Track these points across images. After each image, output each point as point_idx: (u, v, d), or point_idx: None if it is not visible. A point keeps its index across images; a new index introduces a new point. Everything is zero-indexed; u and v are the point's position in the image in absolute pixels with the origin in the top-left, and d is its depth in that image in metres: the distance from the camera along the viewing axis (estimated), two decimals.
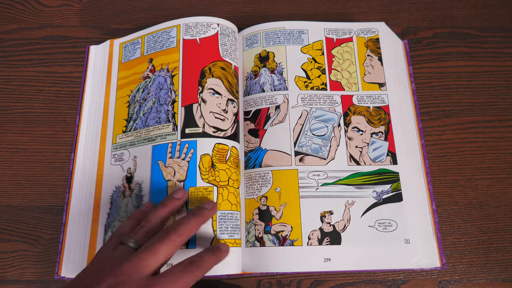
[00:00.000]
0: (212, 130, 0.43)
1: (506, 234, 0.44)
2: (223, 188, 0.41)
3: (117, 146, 0.45)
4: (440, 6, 0.55)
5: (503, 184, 0.46)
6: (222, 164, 0.42)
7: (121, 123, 0.46)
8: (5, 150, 0.48)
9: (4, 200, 0.46)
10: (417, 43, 0.52)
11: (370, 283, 0.42)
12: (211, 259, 0.34)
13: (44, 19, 0.54)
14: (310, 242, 0.41)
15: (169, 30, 0.48)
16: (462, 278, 0.42)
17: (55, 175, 0.46)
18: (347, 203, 0.42)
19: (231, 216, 0.40)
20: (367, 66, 0.48)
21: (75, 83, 0.51)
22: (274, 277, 0.43)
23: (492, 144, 0.47)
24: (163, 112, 0.44)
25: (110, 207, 0.43)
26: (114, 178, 0.44)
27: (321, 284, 0.42)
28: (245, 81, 0.48)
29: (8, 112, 0.49)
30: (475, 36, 0.53)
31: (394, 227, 0.41)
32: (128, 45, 0.50)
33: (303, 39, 0.49)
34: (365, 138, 0.45)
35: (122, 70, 0.49)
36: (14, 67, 0.51)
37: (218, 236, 0.39)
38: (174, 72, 0.46)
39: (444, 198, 0.45)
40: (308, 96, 0.46)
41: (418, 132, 0.46)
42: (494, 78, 0.50)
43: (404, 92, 0.48)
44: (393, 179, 0.43)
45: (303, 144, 0.44)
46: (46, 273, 0.43)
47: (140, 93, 0.47)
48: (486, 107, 0.49)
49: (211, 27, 0.47)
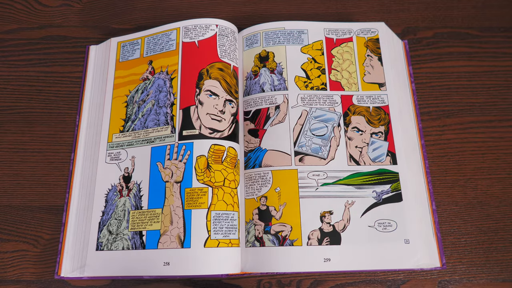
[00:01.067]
0: (208, 132, 0.43)
1: (506, 234, 0.44)
2: (218, 188, 0.41)
3: (113, 145, 0.45)
4: (440, 6, 0.54)
5: (503, 184, 0.46)
6: (218, 165, 0.42)
7: (118, 122, 0.46)
8: (5, 150, 0.48)
9: (4, 200, 0.46)
10: (417, 43, 0.52)
11: (370, 283, 0.42)
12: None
13: (44, 19, 0.54)
14: (310, 242, 0.41)
15: (169, 32, 0.48)
16: (462, 278, 0.42)
17: (55, 175, 0.47)
18: (347, 203, 0.42)
19: (226, 216, 0.41)
20: (367, 66, 0.48)
21: (75, 83, 0.51)
22: (274, 277, 0.43)
23: (492, 144, 0.47)
24: (162, 114, 0.45)
25: (105, 205, 0.43)
26: (109, 177, 0.44)
27: (321, 284, 0.42)
28: (245, 81, 0.48)
29: (8, 112, 0.49)
30: (475, 36, 0.52)
31: (394, 227, 0.41)
32: (126, 44, 0.50)
33: (303, 39, 0.49)
34: (365, 138, 0.45)
35: (120, 69, 0.49)
36: (14, 67, 0.52)
37: (212, 237, 0.39)
38: (173, 75, 0.46)
39: (444, 198, 0.45)
40: (308, 96, 0.46)
41: (418, 132, 0.46)
42: (494, 78, 0.50)
43: (404, 92, 0.48)
44: (393, 179, 0.43)
45: (303, 144, 0.44)
46: (46, 273, 0.43)
47: (139, 94, 0.47)
48: (486, 107, 0.49)
49: (210, 29, 0.47)
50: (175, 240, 0.40)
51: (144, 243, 0.40)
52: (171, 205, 0.41)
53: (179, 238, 0.39)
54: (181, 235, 0.40)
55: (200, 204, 0.40)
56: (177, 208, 0.41)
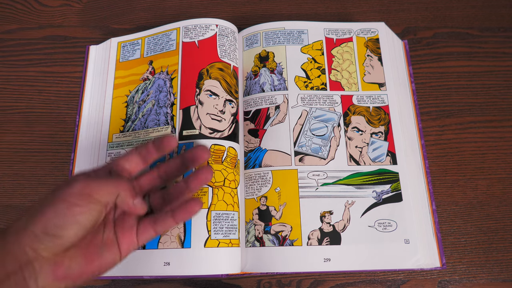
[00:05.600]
0: (208, 132, 0.43)
1: (506, 234, 0.44)
2: (218, 188, 0.41)
3: (113, 145, 0.45)
4: (440, 6, 0.54)
5: (503, 184, 0.46)
6: (218, 165, 0.42)
7: (118, 122, 0.46)
8: (5, 150, 0.48)
9: (4, 200, 0.46)
10: (417, 43, 0.52)
11: (370, 283, 0.42)
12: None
13: (44, 19, 0.54)
14: (310, 242, 0.41)
15: (169, 33, 0.48)
16: (462, 278, 0.42)
17: (55, 175, 0.47)
18: (347, 203, 0.42)
19: (226, 216, 0.41)
20: (367, 66, 0.48)
21: (75, 83, 0.51)
22: (274, 277, 0.43)
23: (492, 144, 0.47)
24: (162, 114, 0.45)
25: None
26: None
27: (321, 284, 0.42)
28: (245, 81, 0.48)
29: (8, 112, 0.49)
30: (475, 36, 0.52)
31: (394, 227, 0.41)
32: (127, 44, 0.50)
33: (303, 39, 0.49)
34: (365, 138, 0.45)
35: (120, 69, 0.49)
36: (14, 67, 0.52)
37: (212, 237, 0.39)
38: (174, 75, 0.46)
39: (444, 198, 0.45)
40: (308, 96, 0.46)
41: (418, 132, 0.46)
42: (494, 78, 0.50)
43: (404, 92, 0.48)
44: (393, 179, 0.43)
45: (303, 144, 0.44)
46: None
47: (139, 94, 0.47)
48: (486, 107, 0.49)
49: (210, 29, 0.47)
50: (175, 240, 0.40)
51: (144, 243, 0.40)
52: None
53: (179, 238, 0.40)
54: (181, 235, 0.40)
55: None
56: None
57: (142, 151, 0.33)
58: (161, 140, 0.33)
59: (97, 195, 0.29)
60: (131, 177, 0.34)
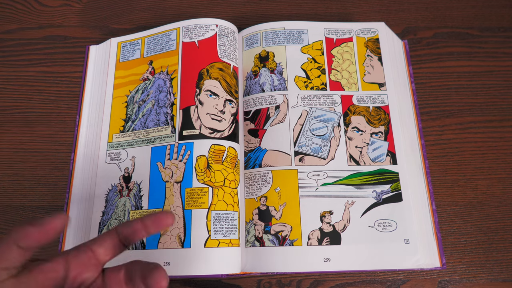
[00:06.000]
0: (208, 132, 0.43)
1: (506, 234, 0.44)
2: (218, 188, 0.41)
3: (113, 145, 0.45)
4: (440, 6, 0.54)
5: (503, 184, 0.46)
6: (218, 164, 0.42)
7: (118, 122, 0.46)
8: (5, 150, 0.48)
9: (4, 200, 0.46)
10: (417, 43, 0.52)
11: (370, 283, 0.42)
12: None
13: (44, 19, 0.54)
14: (310, 242, 0.41)
15: (169, 33, 0.48)
16: (462, 278, 0.42)
17: (55, 175, 0.47)
18: (347, 203, 0.42)
19: (226, 216, 0.41)
20: (367, 66, 0.48)
21: (75, 83, 0.51)
22: (274, 277, 0.43)
23: (492, 144, 0.47)
24: (162, 114, 0.45)
25: (105, 206, 0.43)
26: (109, 177, 0.44)
27: (321, 284, 0.42)
28: (245, 81, 0.48)
29: (8, 112, 0.49)
30: (475, 36, 0.52)
31: (394, 227, 0.41)
32: (127, 45, 0.50)
33: (303, 39, 0.49)
34: (365, 138, 0.45)
35: (120, 69, 0.49)
36: (14, 67, 0.51)
37: (212, 237, 0.39)
38: (174, 75, 0.46)
39: (444, 198, 0.45)
40: (308, 96, 0.46)
41: (418, 132, 0.46)
42: (494, 78, 0.50)
43: (404, 92, 0.48)
44: (393, 179, 0.43)
45: (303, 144, 0.44)
46: None
47: (139, 94, 0.47)
48: (486, 107, 0.49)
49: (210, 29, 0.47)
50: (175, 240, 0.40)
51: (144, 243, 0.40)
52: (171, 205, 0.41)
53: (179, 238, 0.40)
54: (181, 235, 0.40)
55: (200, 204, 0.40)
56: (177, 208, 0.41)
57: (124, 230, 0.28)
58: (157, 217, 0.28)
59: None
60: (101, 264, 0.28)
